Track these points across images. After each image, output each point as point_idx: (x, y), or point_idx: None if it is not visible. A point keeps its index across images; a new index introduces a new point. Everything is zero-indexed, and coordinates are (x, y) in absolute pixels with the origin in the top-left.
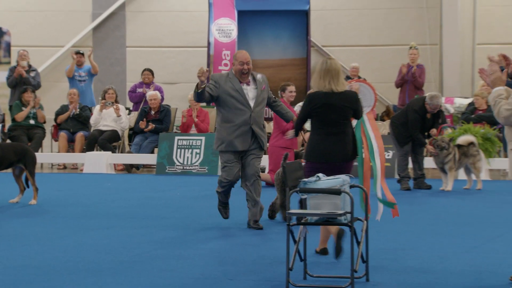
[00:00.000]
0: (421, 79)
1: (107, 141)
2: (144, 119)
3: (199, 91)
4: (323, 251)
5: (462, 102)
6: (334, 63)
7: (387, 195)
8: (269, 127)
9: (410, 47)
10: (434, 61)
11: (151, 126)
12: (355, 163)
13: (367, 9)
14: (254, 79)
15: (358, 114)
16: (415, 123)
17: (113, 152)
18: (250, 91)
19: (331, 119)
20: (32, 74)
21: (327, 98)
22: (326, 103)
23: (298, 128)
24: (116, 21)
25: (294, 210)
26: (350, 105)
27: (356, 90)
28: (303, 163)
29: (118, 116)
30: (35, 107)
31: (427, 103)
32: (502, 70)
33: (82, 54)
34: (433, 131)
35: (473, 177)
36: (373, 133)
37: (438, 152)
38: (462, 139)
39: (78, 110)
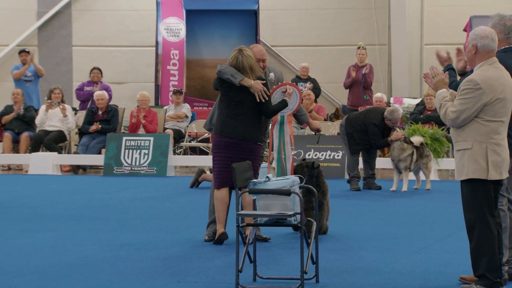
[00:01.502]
0: (370, 79)
1: (53, 141)
2: (95, 123)
3: None
4: (224, 236)
5: (411, 102)
6: (246, 60)
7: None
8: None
9: (358, 47)
10: (383, 61)
11: (97, 126)
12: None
13: (316, 9)
14: (266, 78)
15: (265, 100)
16: (376, 135)
17: (59, 152)
18: None
19: (236, 100)
20: None
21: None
22: (232, 85)
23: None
24: (62, 20)
25: (243, 211)
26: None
27: (290, 94)
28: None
29: (65, 116)
30: None
31: (388, 119)
32: (450, 68)
33: (28, 52)
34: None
35: (421, 177)
36: (289, 137)
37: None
38: (415, 140)
39: (22, 110)
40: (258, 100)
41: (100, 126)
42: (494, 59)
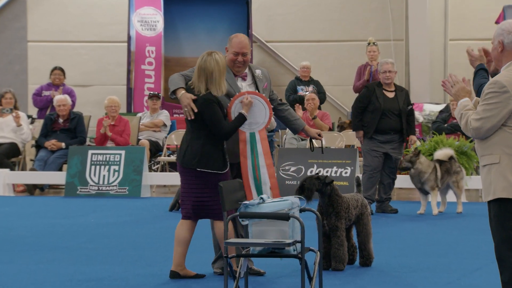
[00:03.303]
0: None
1: (4, 156)
2: (52, 142)
3: None
4: (173, 274)
5: (433, 109)
6: (209, 62)
7: None
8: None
9: (369, 43)
10: (399, 59)
11: (57, 145)
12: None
13: None
14: (253, 74)
15: (211, 120)
16: (358, 99)
17: (12, 169)
18: (246, 88)
19: (186, 118)
20: None
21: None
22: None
23: None
24: (15, 10)
25: (233, 239)
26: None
27: (248, 104)
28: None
29: (19, 125)
30: None
31: (379, 72)
32: (481, 69)
33: None
34: (413, 138)
35: (448, 198)
36: (263, 158)
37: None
38: (441, 154)
39: None
40: (185, 118)
41: (61, 145)
42: None
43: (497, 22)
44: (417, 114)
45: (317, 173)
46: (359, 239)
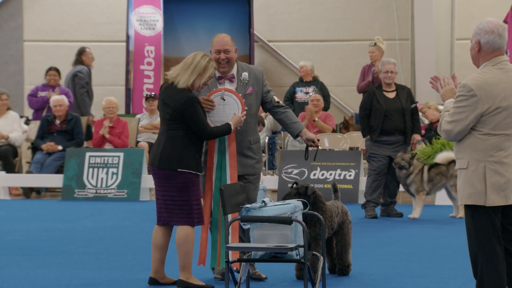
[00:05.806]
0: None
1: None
2: (48, 144)
3: None
4: (152, 281)
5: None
6: (204, 59)
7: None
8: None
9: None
10: (405, 59)
11: (53, 147)
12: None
13: None
14: (239, 76)
15: (193, 120)
16: (361, 106)
17: (8, 172)
18: None
19: (161, 115)
20: None
21: (162, 91)
22: (160, 95)
23: None
24: (11, 9)
25: (233, 243)
26: (175, 106)
27: (241, 121)
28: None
29: (6, 138)
30: None
31: (380, 71)
32: None
33: None
34: (416, 137)
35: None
36: (229, 159)
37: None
38: (442, 157)
39: None
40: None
41: (58, 147)
42: (501, 58)
43: (505, 21)
44: (422, 115)
45: (296, 183)
46: (337, 248)
